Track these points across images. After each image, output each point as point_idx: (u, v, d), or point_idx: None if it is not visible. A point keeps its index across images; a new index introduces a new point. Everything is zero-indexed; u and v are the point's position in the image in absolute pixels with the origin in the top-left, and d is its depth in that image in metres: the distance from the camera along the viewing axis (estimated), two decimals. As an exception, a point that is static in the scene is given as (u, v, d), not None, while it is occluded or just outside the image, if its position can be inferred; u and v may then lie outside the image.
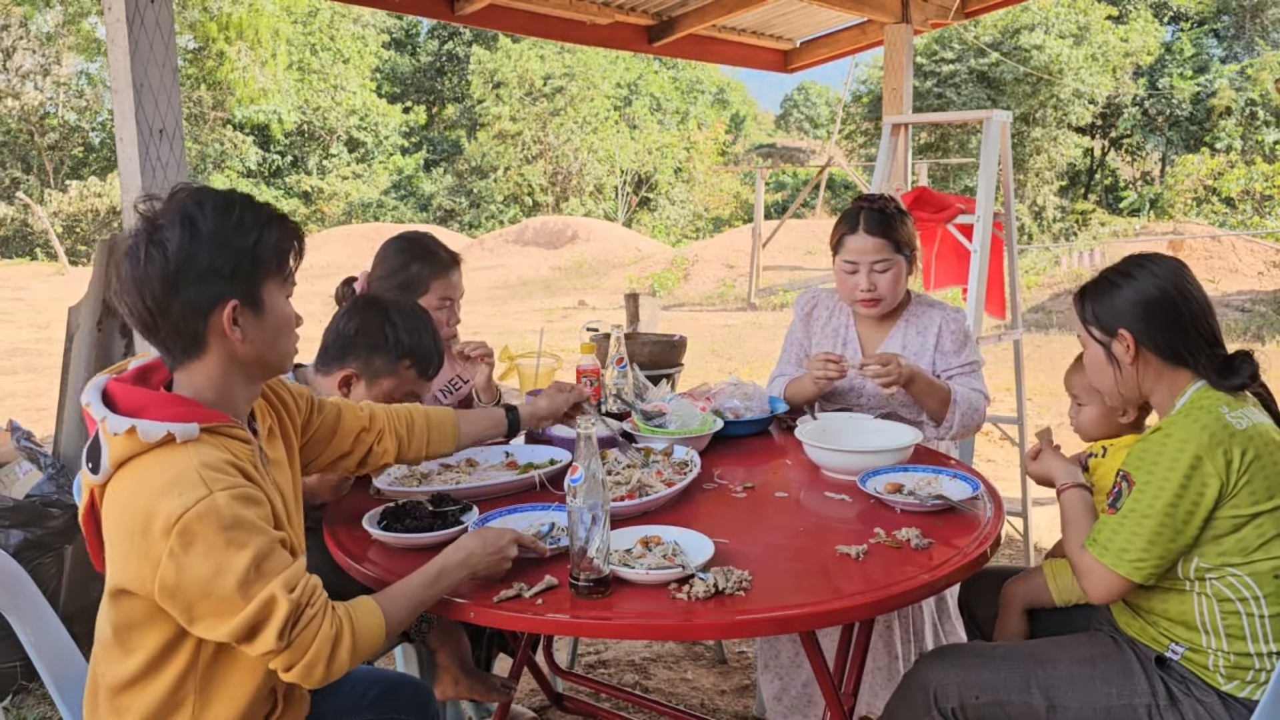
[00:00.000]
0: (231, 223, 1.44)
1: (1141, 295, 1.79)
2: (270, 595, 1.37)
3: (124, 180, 3.07)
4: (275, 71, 26.25)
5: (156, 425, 1.39)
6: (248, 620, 1.37)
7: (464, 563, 1.60)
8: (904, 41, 5.43)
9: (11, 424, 3.45)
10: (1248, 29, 24.94)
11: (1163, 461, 1.67)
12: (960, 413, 2.54)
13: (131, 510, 1.38)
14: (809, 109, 46.35)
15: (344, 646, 1.43)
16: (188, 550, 1.34)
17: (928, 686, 1.78)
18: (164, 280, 1.41)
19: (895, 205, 2.63)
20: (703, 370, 8.93)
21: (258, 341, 1.49)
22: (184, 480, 1.36)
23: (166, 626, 1.46)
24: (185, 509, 1.34)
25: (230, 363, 1.48)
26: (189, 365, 1.48)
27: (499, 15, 5.10)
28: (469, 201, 27.55)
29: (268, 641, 1.38)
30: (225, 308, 1.44)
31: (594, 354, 2.80)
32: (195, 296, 1.42)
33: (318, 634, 1.41)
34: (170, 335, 1.44)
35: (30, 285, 17.44)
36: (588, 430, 1.60)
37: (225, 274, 1.43)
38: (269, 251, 1.48)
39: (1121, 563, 1.69)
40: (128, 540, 1.39)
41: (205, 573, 1.35)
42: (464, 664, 2.26)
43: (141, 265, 1.41)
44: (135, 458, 1.40)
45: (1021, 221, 21.16)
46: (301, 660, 1.40)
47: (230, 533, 1.36)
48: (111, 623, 1.49)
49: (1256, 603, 1.67)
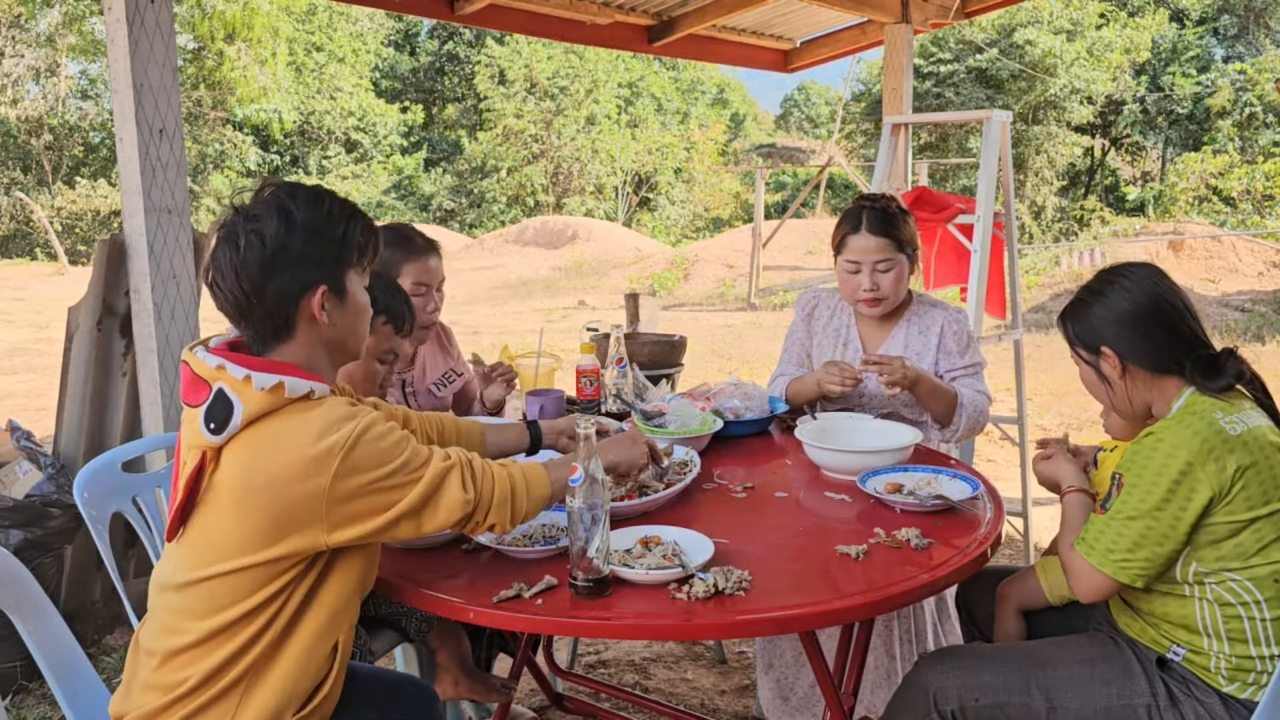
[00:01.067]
0: (323, 213, 1.56)
1: (1116, 310, 1.80)
2: (437, 469, 1.53)
3: (124, 180, 3.07)
4: (275, 70, 26.24)
5: (302, 382, 1.49)
6: (425, 491, 1.50)
7: (607, 446, 1.84)
8: (904, 41, 5.43)
9: (11, 424, 3.45)
10: (1251, 28, 24.94)
11: (1152, 465, 1.67)
12: (966, 415, 2.54)
13: (274, 459, 1.44)
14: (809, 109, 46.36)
15: (520, 485, 1.61)
16: (355, 467, 1.45)
17: (927, 689, 1.77)
18: (261, 265, 1.50)
19: (897, 205, 2.63)
20: (703, 370, 8.93)
21: (341, 326, 1.59)
22: (334, 422, 1.46)
23: (258, 588, 1.49)
24: (348, 436, 1.45)
25: (316, 346, 1.58)
26: (278, 348, 1.56)
27: (499, 15, 5.10)
28: (469, 201, 27.55)
29: (453, 499, 1.52)
30: (316, 293, 1.54)
31: (594, 354, 2.80)
32: (289, 281, 1.52)
33: (496, 478, 1.58)
34: (263, 318, 1.53)
35: (30, 285, 17.43)
36: (588, 430, 1.60)
37: (316, 261, 1.54)
38: (353, 241, 1.59)
39: (1107, 562, 1.70)
40: (269, 487, 1.44)
41: (376, 476, 1.46)
42: (464, 664, 2.26)
43: (240, 251, 1.50)
44: (269, 415, 1.47)
45: (1021, 221, 21.15)
46: (492, 501, 1.57)
47: (388, 443, 1.49)
48: (202, 579, 1.49)
49: (1258, 606, 1.67)
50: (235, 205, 1.55)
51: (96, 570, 3.28)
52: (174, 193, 3.09)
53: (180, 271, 3.12)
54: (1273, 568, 1.66)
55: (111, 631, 3.35)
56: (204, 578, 1.49)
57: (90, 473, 2.06)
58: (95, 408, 3.28)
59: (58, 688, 1.70)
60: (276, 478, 1.43)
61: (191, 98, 25.19)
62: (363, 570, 1.59)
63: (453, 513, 1.54)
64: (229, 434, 1.46)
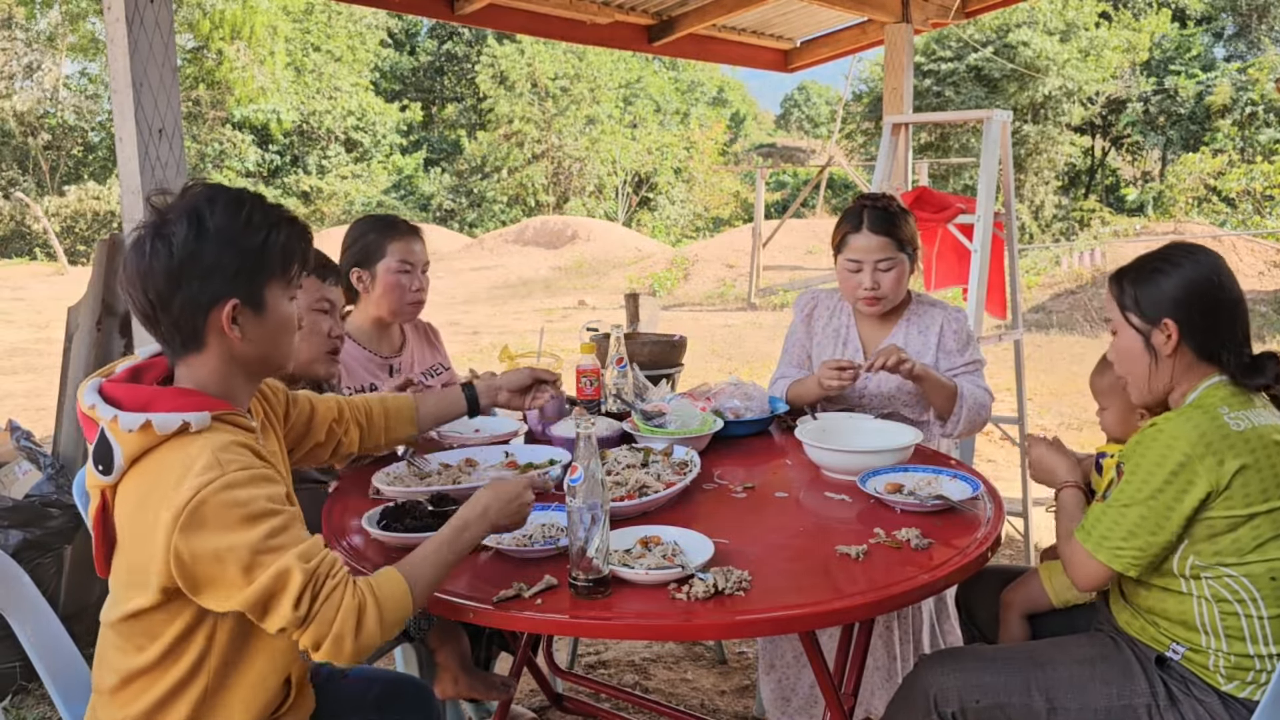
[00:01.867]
0: (240, 222, 1.45)
1: (1188, 285, 1.74)
2: (285, 566, 1.35)
3: (123, 180, 3.07)
4: (274, 70, 26.23)
5: (171, 416, 1.39)
6: (261, 591, 1.35)
7: (483, 515, 1.59)
8: (904, 41, 5.43)
9: (11, 424, 3.45)
10: (1253, 28, 24.93)
11: (1151, 455, 1.67)
12: (967, 409, 2.54)
13: (148, 502, 1.38)
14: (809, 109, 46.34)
15: (370, 617, 1.39)
16: (202, 527, 1.34)
17: (928, 690, 1.77)
18: (167, 275, 1.41)
19: (898, 204, 2.63)
20: (703, 370, 8.93)
21: (257, 341, 1.49)
22: (198, 463, 1.36)
23: (181, 617, 1.45)
24: (199, 489, 1.34)
25: (230, 359, 1.49)
26: (189, 359, 1.49)
27: (499, 15, 5.10)
28: (469, 201, 27.54)
29: (284, 613, 1.36)
30: (225, 306, 1.45)
31: (594, 354, 2.80)
32: (196, 293, 1.43)
33: (340, 605, 1.38)
34: (170, 329, 1.46)
35: (30, 285, 17.43)
36: (587, 430, 1.60)
37: (228, 273, 1.44)
38: (275, 253, 1.48)
39: (1102, 548, 1.70)
40: (144, 531, 1.38)
41: (219, 546, 1.34)
42: (464, 663, 2.26)
43: (146, 259, 1.42)
44: (150, 452, 1.40)
45: (1021, 221, 21.15)
46: (328, 634, 1.37)
47: (244, 509, 1.35)
48: (123, 618, 1.47)
49: (1255, 604, 1.67)
50: (154, 204, 1.46)
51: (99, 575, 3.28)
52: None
53: (180, 271, 3.12)
54: (1269, 565, 1.66)
55: (111, 631, 3.35)
56: (122, 616, 1.46)
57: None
58: (95, 407, 3.28)
59: (54, 689, 1.70)
60: (146, 524, 1.38)
61: (190, 97, 25.19)
62: None
63: (280, 627, 1.38)
64: (116, 476, 1.41)
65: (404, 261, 2.64)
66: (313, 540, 1.42)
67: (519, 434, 2.58)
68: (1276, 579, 1.66)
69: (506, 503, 1.62)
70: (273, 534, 1.37)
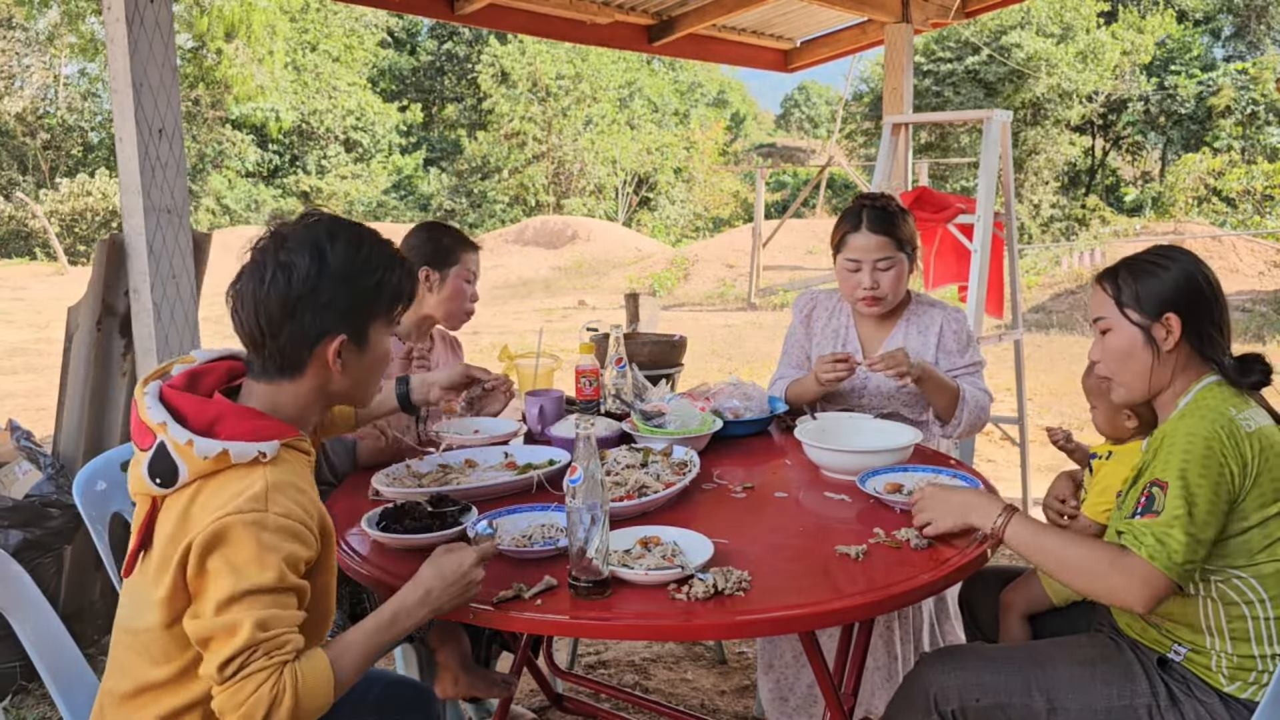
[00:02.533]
0: (358, 261, 1.49)
1: (1187, 280, 1.75)
2: (237, 621, 1.33)
3: (123, 180, 3.07)
4: (273, 69, 26.23)
5: (248, 447, 1.40)
6: (208, 630, 1.35)
7: (423, 601, 1.50)
8: (904, 41, 5.43)
9: (11, 424, 3.45)
10: (1252, 28, 24.93)
11: (1194, 465, 1.61)
12: (968, 411, 2.54)
13: (196, 515, 1.38)
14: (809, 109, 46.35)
15: (283, 709, 1.34)
16: (219, 543, 1.35)
17: (928, 689, 1.77)
18: (282, 304, 1.45)
19: (897, 204, 2.64)
20: (703, 370, 8.93)
21: (353, 375, 1.54)
22: (250, 492, 1.38)
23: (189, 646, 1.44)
24: (236, 511, 1.35)
25: (321, 389, 1.53)
26: (280, 383, 1.50)
27: (499, 15, 5.10)
28: (469, 202, 27.53)
29: (210, 664, 1.34)
30: (334, 341, 1.49)
31: (593, 354, 2.80)
32: (308, 325, 1.47)
33: (256, 689, 1.33)
34: (274, 354, 1.48)
35: (30, 285, 17.43)
36: (587, 430, 1.59)
37: (341, 309, 1.48)
38: (386, 293, 1.53)
39: (1172, 566, 1.59)
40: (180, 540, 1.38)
41: (217, 566, 1.35)
42: (464, 662, 2.26)
43: (264, 285, 1.45)
44: (213, 475, 1.40)
45: (1021, 221, 21.15)
46: (238, 711, 1.33)
47: (257, 554, 1.35)
48: (145, 629, 1.45)
49: (1262, 605, 1.66)
50: (272, 228, 1.49)
51: (96, 570, 3.28)
52: (173, 192, 3.08)
53: (180, 271, 3.12)
54: (1278, 565, 1.65)
55: (110, 632, 3.35)
56: (145, 627, 1.45)
57: (90, 473, 2.06)
58: (95, 408, 3.28)
59: (55, 689, 1.70)
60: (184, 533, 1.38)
61: (189, 97, 25.18)
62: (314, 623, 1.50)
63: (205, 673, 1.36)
64: (175, 490, 1.41)
65: (472, 272, 2.72)
66: (288, 616, 1.38)
67: (519, 434, 2.58)
68: None
69: (450, 584, 1.51)
70: (258, 590, 1.35)
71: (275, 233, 1.49)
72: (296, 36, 27.85)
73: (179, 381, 1.49)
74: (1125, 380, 1.81)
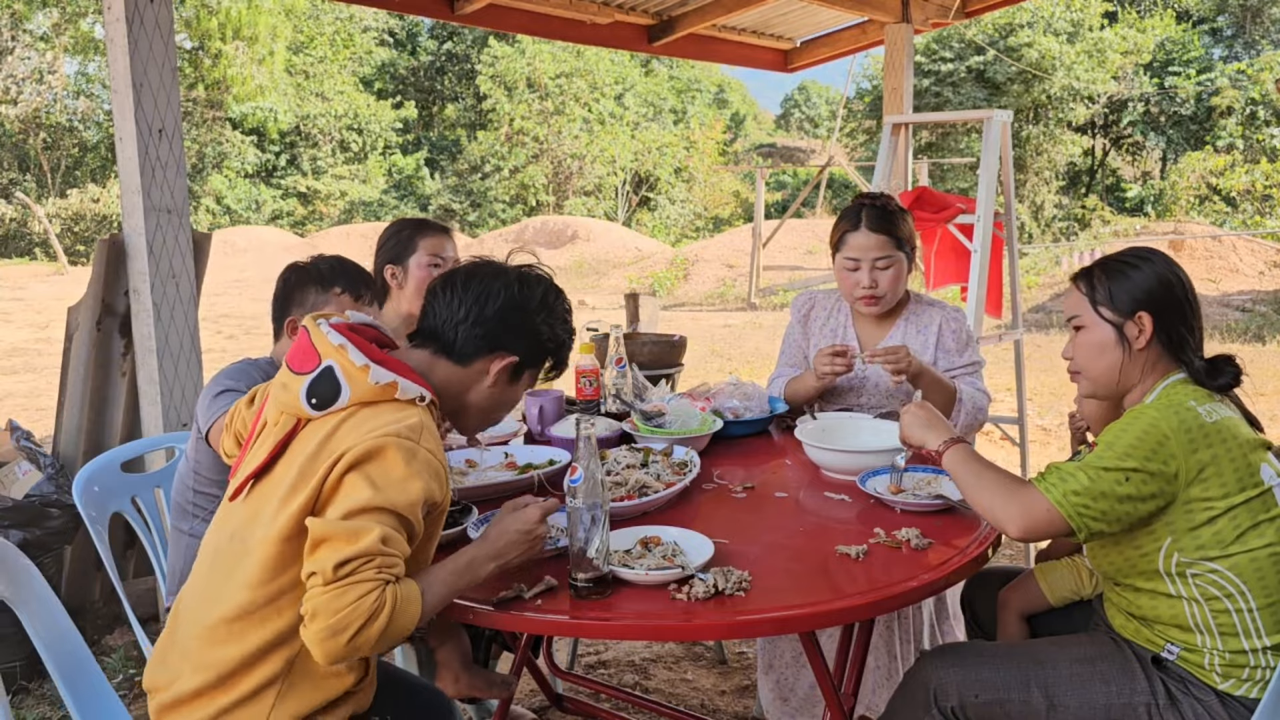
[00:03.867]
0: (563, 321, 1.74)
1: (1160, 281, 1.79)
2: (366, 528, 1.39)
3: (123, 180, 3.07)
4: (273, 69, 26.23)
5: (414, 385, 1.53)
6: (333, 530, 1.38)
7: (492, 554, 1.58)
8: (904, 41, 5.43)
9: (11, 424, 3.45)
10: (1249, 28, 24.95)
11: (1132, 430, 1.67)
12: (966, 412, 2.54)
13: (343, 436, 1.47)
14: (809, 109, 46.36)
15: (377, 625, 1.37)
16: (368, 459, 1.43)
17: (928, 685, 1.77)
18: (502, 307, 1.64)
19: (896, 203, 2.64)
20: (703, 370, 8.93)
21: (492, 397, 1.68)
22: (407, 421, 1.48)
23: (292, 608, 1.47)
24: (397, 435, 1.45)
25: (463, 388, 1.66)
26: (443, 360, 1.64)
27: (499, 15, 5.10)
28: (470, 201, 27.53)
29: (325, 561, 1.36)
30: (508, 360, 1.66)
31: (593, 354, 2.80)
32: (502, 334, 1.64)
33: (360, 598, 1.35)
34: (464, 334, 1.63)
35: (30, 285, 17.43)
36: (587, 430, 1.60)
37: (532, 342, 1.68)
38: (560, 352, 1.75)
39: (1066, 502, 1.65)
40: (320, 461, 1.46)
41: (358, 480, 1.42)
42: (464, 661, 2.25)
43: (499, 282, 1.65)
44: (374, 403, 1.51)
45: (1021, 221, 21.16)
46: (334, 617, 1.34)
47: (402, 476, 1.43)
48: (273, 538, 1.47)
49: (1243, 597, 1.68)
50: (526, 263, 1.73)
51: (96, 570, 3.28)
52: (173, 192, 3.09)
53: (179, 271, 3.12)
54: (1251, 555, 1.68)
55: (111, 632, 3.35)
56: (260, 541, 1.48)
57: (89, 473, 2.06)
58: (95, 408, 3.28)
59: (62, 683, 1.70)
60: (325, 455, 1.46)
61: (189, 97, 25.18)
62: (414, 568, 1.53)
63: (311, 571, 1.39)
64: (331, 412, 1.50)
65: (435, 256, 2.70)
66: (403, 543, 1.44)
67: (519, 434, 2.58)
68: (1261, 568, 1.67)
69: (515, 542, 1.60)
70: (390, 510, 1.42)
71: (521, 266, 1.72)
72: (295, 37, 27.85)
73: (340, 327, 1.59)
74: (1094, 375, 1.85)
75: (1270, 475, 1.71)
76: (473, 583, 1.57)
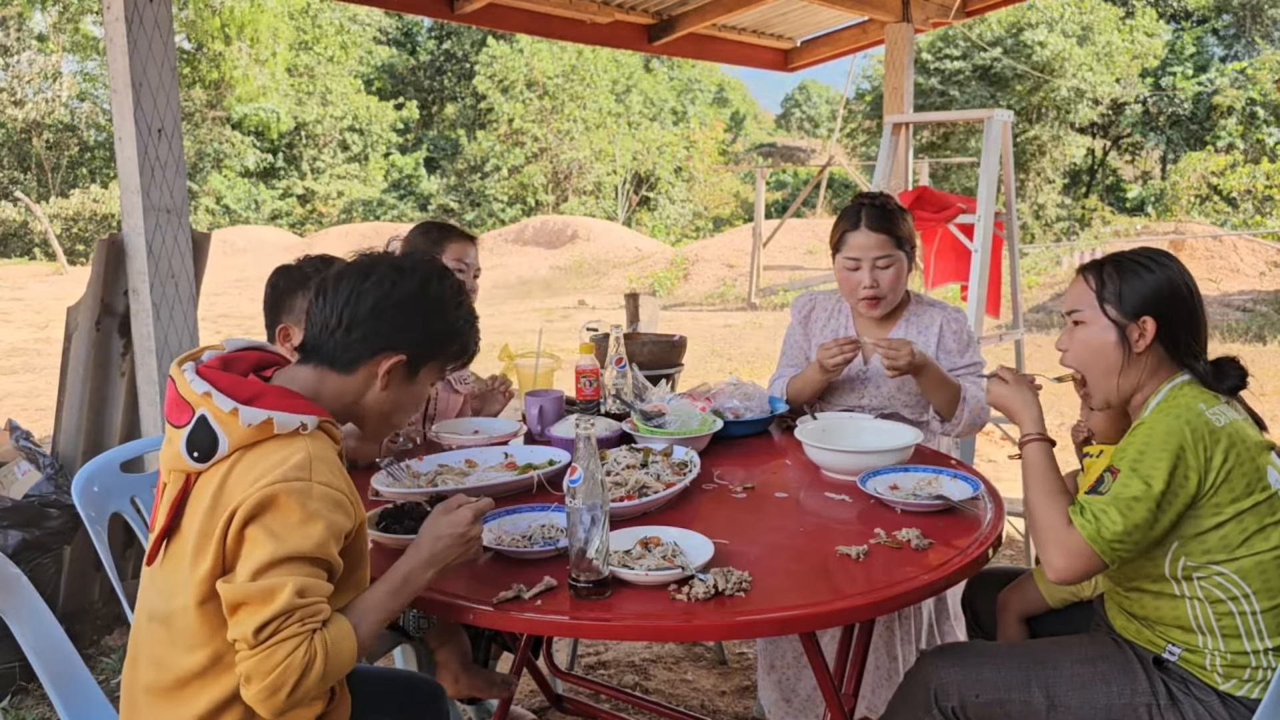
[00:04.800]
0: (454, 304, 1.62)
1: (1169, 286, 1.76)
2: (278, 585, 1.34)
3: (123, 180, 3.06)
4: (274, 70, 26.22)
5: (292, 417, 1.44)
6: (245, 595, 1.35)
7: (427, 562, 1.54)
8: (905, 40, 5.43)
9: (10, 424, 3.45)
10: (1249, 28, 24.94)
11: (1150, 453, 1.65)
12: (969, 410, 2.54)
13: (233, 488, 1.40)
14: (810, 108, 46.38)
15: (313, 674, 1.36)
16: (263, 511, 1.37)
17: (928, 685, 1.77)
18: (375, 305, 1.54)
19: (895, 202, 2.64)
20: (703, 370, 8.93)
21: (389, 399, 1.59)
22: (294, 460, 1.41)
23: None
24: (284, 479, 1.38)
25: (358, 396, 1.58)
26: (327, 372, 1.56)
27: (499, 14, 5.10)
28: (469, 201, 27.53)
29: (245, 626, 1.34)
30: (393, 359, 1.56)
31: (593, 354, 2.79)
32: (382, 334, 1.54)
33: (289, 655, 1.34)
34: (339, 345, 1.55)
35: (29, 285, 17.42)
36: (587, 431, 1.59)
37: (414, 336, 1.57)
38: (455, 344, 1.64)
39: (1099, 540, 1.64)
40: (217, 515, 1.40)
41: (259, 534, 1.37)
42: (464, 662, 2.26)
43: (366, 281, 1.55)
44: (253, 445, 1.43)
45: (1023, 221, 21.16)
46: (267, 678, 1.34)
47: (301, 520, 1.38)
48: (191, 606, 1.43)
49: (1247, 600, 1.67)
50: (394, 249, 1.62)
51: (95, 571, 3.28)
52: (173, 192, 3.08)
53: (179, 271, 3.11)
54: (1257, 559, 1.67)
55: (110, 632, 3.35)
56: (182, 610, 1.44)
57: (89, 473, 2.05)
58: (94, 408, 3.27)
59: (54, 692, 1.69)
60: (221, 508, 1.39)
61: (189, 97, 25.17)
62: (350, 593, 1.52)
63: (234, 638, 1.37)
64: (214, 463, 1.43)
65: (460, 261, 2.71)
66: (322, 587, 1.40)
67: (519, 434, 2.58)
68: (1266, 571, 1.67)
69: (449, 545, 1.55)
70: (298, 559, 1.37)
71: (389, 253, 1.62)
72: (296, 36, 27.84)
73: (213, 364, 1.52)
74: (1094, 378, 1.84)
75: (1276, 479, 1.70)
76: (414, 594, 1.53)
